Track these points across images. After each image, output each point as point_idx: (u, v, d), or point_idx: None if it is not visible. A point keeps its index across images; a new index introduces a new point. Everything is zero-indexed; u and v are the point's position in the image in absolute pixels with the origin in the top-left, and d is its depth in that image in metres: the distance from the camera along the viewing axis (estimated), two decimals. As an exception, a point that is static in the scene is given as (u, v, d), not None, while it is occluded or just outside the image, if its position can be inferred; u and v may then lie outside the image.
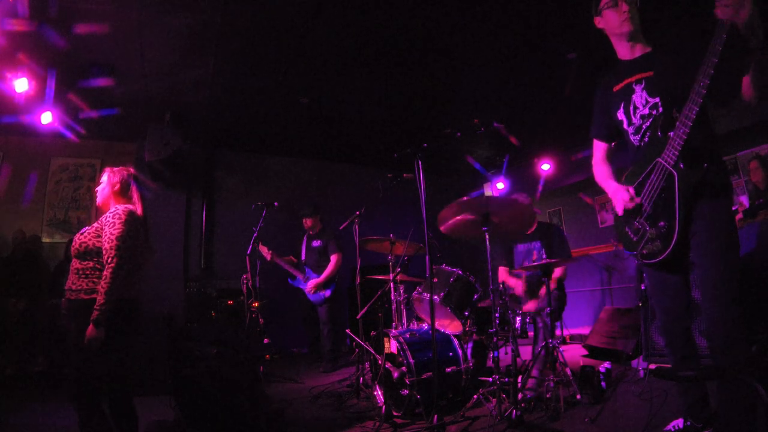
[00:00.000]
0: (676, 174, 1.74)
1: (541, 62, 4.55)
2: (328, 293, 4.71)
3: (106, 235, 2.11)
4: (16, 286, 4.81)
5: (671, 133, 1.73)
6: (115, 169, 2.42)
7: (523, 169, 7.44)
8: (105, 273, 2.04)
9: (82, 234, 2.19)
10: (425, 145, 2.77)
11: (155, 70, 4.40)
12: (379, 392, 3.03)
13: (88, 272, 2.11)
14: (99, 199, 2.38)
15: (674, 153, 1.72)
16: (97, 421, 2.01)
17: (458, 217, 2.75)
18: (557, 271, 3.52)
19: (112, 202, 2.32)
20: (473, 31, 4.07)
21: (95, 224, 2.21)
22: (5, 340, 4.50)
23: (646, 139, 1.88)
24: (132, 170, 2.45)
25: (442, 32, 4.06)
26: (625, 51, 1.98)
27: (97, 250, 2.12)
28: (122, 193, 2.35)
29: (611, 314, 4.39)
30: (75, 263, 2.17)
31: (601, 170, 2.14)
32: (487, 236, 2.70)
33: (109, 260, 2.05)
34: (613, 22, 1.92)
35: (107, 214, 2.21)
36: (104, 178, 2.40)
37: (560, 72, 4.66)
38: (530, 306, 3.52)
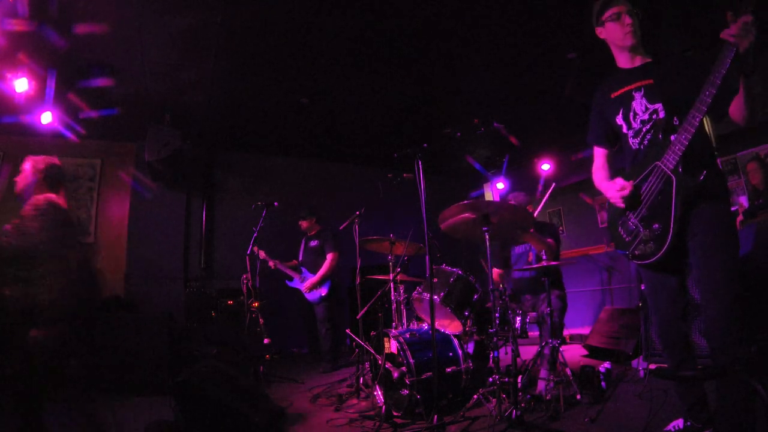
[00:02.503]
0: (674, 178, 1.75)
1: (541, 62, 4.55)
2: (324, 292, 4.71)
3: (27, 230, 1.93)
4: (16, 286, 4.80)
5: (673, 137, 1.75)
6: (39, 157, 2.23)
7: (523, 169, 7.44)
8: (39, 270, 1.86)
9: (5, 235, 1.96)
10: (425, 145, 2.78)
11: (155, 70, 4.40)
12: (379, 392, 3.03)
13: (23, 275, 1.89)
14: (19, 185, 2.17)
15: (674, 158, 1.73)
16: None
17: (459, 216, 2.76)
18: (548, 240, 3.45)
19: (34, 192, 2.13)
20: (473, 31, 4.07)
21: (15, 221, 2.01)
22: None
23: (646, 142, 1.90)
24: (57, 161, 2.25)
25: (442, 32, 4.06)
26: (625, 61, 2.01)
27: (25, 248, 1.93)
28: (48, 184, 2.17)
29: (611, 314, 4.40)
30: (5, 268, 1.92)
31: (600, 175, 2.16)
32: (487, 236, 2.70)
33: (38, 256, 1.89)
34: (616, 34, 1.95)
35: (26, 207, 2.03)
36: (26, 165, 2.20)
37: (560, 72, 4.66)
38: (529, 306, 3.51)
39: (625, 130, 1.98)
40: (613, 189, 1.94)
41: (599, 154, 2.18)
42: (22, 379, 1.87)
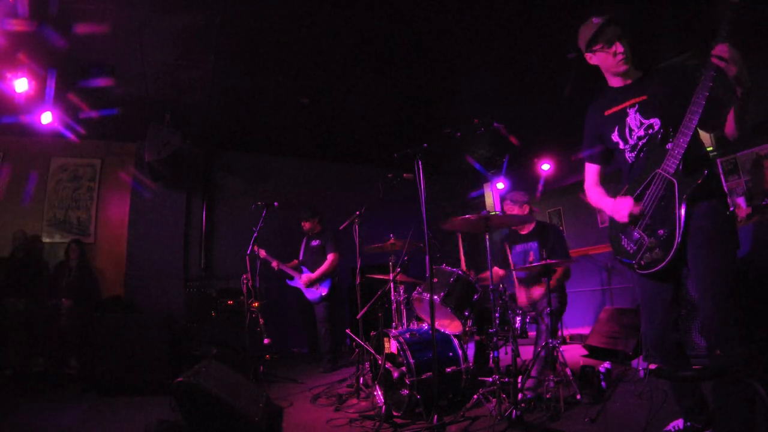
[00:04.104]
0: (676, 182, 1.77)
1: (541, 62, 4.55)
2: (324, 291, 4.71)
3: None
4: (16, 286, 4.81)
5: (669, 146, 1.78)
6: None
7: (523, 169, 7.44)
8: None
9: None
10: (425, 145, 2.78)
11: (155, 70, 4.40)
12: (379, 392, 3.03)
13: None
14: None
15: (674, 162, 1.76)
16: None
17: (459, 219, 2.78)
18: (557, 270, 3.50)
19: None
20: (473, 31, 4.07)
21: None
22: (5, 340, 4.50)
23: (642, 155, 1.93)
24: None
25: (442, 32, 4.06)
26: (617, 82, 2.04)
27: None
28: None
29: (611, 314, 4.40)
30: None
31: (595, 191, 2.18)
32: (487, 236, 2.71)
33: None
34: (608, 63, 1.97)
35: None
36: None
37: (560, 72, 4.66)
38: (522, 299, 3.53)
39: (621, 146, 2.00)
40: (624, 207, 1.91)
41: (593, 170, 2.20)
42: None
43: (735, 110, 1.70)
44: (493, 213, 3.44)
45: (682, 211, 1.74)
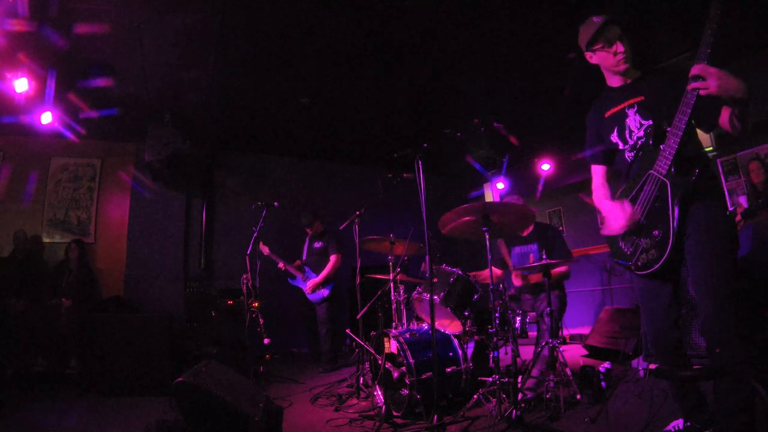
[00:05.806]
0: (668, 182, 1.77)
1: (541, 62, 4.55)
2: (326, 293, 4.72)
3: None
4: (16, 286, 4.80)
5: (662, 146, 1.78)
6: None
7: (523, 169, 7.43)
8: None
9: None
10: (425, 145, 2.78)
11: (155, 70, 4.40)
12: (379, 392, 3.03)
13: None
14: None
15: (666, 163, 1.76)
16: None
17: (459, 220, 2.77)
18: (558, 268, 3.49)
19: None
20: (473, 31, 4.07)
21: None
22: (5, 340, 4.50)
23: (641, 154, 1.93)
24: None
25: (442, 32, 4.06)
26: (617, 81, 2.04)
27: None
28: None
29: (611, 314, 4.40)
30: None
31: (599, 193, 2.18)
32: (487, 236, 2.71)
33: None
34: (608, 62, 1.97)
35: None
36: None
37: (560, 72, 4.66)
38: (517, 282, 3.53)
39: (621, 146, 2.01)
40: (617, 216, 1.90)
41: (598, 172, 2.20)
42: None
43: (730, 112, 1.67)
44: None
45: (676, 212, 1.75)
